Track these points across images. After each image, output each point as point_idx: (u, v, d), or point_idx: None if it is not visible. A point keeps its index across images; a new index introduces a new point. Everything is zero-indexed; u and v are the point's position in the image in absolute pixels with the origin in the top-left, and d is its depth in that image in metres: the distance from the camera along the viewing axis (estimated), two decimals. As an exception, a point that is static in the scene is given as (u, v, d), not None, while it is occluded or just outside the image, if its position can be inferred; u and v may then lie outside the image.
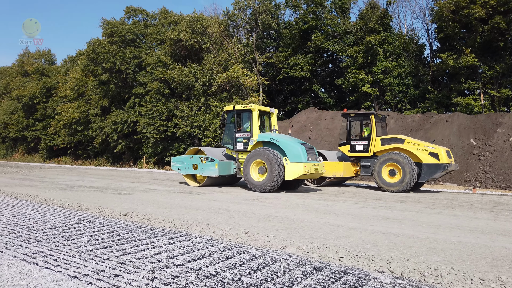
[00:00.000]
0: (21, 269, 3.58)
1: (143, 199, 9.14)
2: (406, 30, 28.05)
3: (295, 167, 11.17)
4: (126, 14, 31.44)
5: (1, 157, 43.92)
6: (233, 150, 12.86)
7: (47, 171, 21.00)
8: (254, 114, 12.43)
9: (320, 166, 11.97)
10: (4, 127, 41.58)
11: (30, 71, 42.23)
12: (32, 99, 38.29)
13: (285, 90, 29.25)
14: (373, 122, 13.04)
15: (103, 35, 29.56)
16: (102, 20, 29.58)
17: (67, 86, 34.74)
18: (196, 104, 24.54)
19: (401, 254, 4.37)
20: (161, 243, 4.69)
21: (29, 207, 7.53)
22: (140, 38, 30.70)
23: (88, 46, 29.19)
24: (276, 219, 6.61)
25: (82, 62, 31.08)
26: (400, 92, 23.60)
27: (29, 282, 3.25)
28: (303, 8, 28.13)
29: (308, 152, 11.62)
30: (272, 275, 3.55)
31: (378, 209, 8.09)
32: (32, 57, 48.64)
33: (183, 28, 24.42)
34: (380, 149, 12.87)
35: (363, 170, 13.29)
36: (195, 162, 12.95)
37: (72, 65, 40.36)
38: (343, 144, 13.78)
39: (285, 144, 11.54)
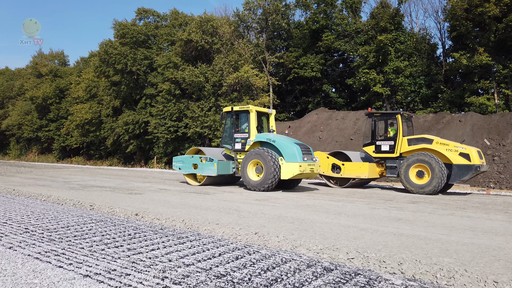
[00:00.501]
0: (35, 268, 3.64)
1: (154, 199, 9.21)
2: (418, 29, 27.75)
3: (290, 166, 11.41)
4: (138, 15, 31.74)
5: (16, 157, 44.67)
6: (232, 150, 13.18)
7: (60, 171, 21.30)
8: (252, 115, 12.75)
9: (316, 165, 12.25)
10: (19, 127, 42.27)
11: (43, 73, 42.87)
12: (46, 100, 38.87)
13: (295, 90, 29.17)
14: (400, 122, 12.65)
15: (115, 36, 29.88)
16: (114, 21, 29.93)
17: (79, 87, 35.19)
18: (206, 104, 24.63)
19: (413, 255, 4.33)
20: (171, 243, 4.72)
21: (42, 206, 7.64)
22: (151, 39, 30.94)
23: (100, 47, 29.53)
24: (286, 219, 6.60)
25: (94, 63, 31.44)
26: (412, 91, 23.34)
27: (42, 280, 3.30)
28: (313, 7, 28.01)
29: (304, 152, 11.85)
30: (282, 276, 3.55)
31: (390, 210, 8.02)
32: (45, 59, 49.38)
33: (194, 29, 24.54)
34: (407, 149, 12.46)
35: (389, 171, 12.90)
36: (195, 162, 13.34)
37: (84, 66, 40.88)
38: (368, 145, 13.33)
39: (281, 145, 11.81)
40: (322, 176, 14.14)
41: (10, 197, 9.13)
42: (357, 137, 20.48)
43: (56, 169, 23.66)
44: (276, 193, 11.37)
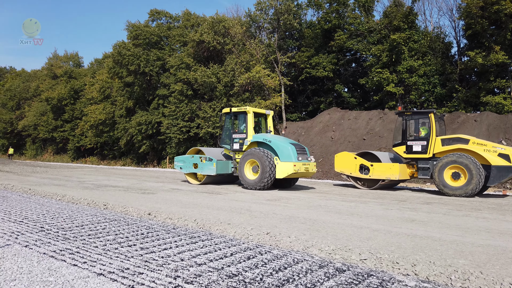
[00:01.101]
0: (50, 266, 3.70)
1: (167, 198, 9.28)
2: (432, 28, 27.37)
3: (285, 166, 11.78)
4: (150, 17, 32.01)
5: (32, 157, 45.49)
6: (230, 150, 13.60)
7: (75, 171, 21.62)
8: (249, 116, 13.24)
9: (311, 165, 12.57)
10: (34, 128, 43.03)
11: (58, 74, 43.56)
12: (61, 101, 39.50)
13: (307, 90, 29.07)
14: (433, 121, 12.11)
15: (128, 38, 30.19)
16: (127, 23, 30.26)
17: (93, 88, 35.66)
18: (218, 105, 24.71)
19: (427, 257, 4.27)
20: (184, 242, 4.74)
21: (57, 205, 7.76)
22: (163, 40, 31.17)
23: (114, 48, 29.88)
24: (298, 219, 6.58)
25: (108, 65, 31.82)
26: (426, 91, 23.04)
27: (57, 278, 3.35)
28: (325, 7, 27.87)
29: (299, 152, 12.24)
30: (294, 276, 3.54)
31: (403, 211, 7.93)
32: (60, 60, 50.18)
33: (206, 29, 24.65)
34: (441, 150, 11.91)
35: (421, 172, 12.37)
36: (195, 162, 13.76)
37: (98, 68, 41.40)
38: (398, 145, 12.80)
39: (277, 145, 12.19)
40: (350, 177, 13.71)
41: (26, 196, 9.30)
42: (369, 137, 20.31)
43: (70, 169, 24.02)
44: (288, 193, 11.35)
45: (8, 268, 3.61)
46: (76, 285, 3.20)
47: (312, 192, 11.84)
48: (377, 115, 21.98)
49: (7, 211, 6.86)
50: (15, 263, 3.77)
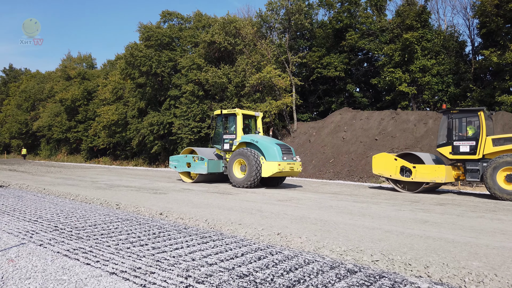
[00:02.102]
0: (64, 264, 3.75)
1: (178, 198, 9.34)
2: (445, 27, 27.00)
3: (270, 165, 12.40)
4: (162, 18, 32.23)
5: (46, 157, 46.20)
6: (221, 150, 14.29)
7: (88, 171, 21.90)
8: (238, 118, 13.86)
9: (296, 164, 13.10)
10: (49, 129, 43.67)
11: (72, 75, 44.15)
12: (74, 102, 40.03)
13: (318, 90, 28.94)
14: (483, 120, 11.28)
15: (140, 39, 30.44)
16: (139, 24, 30.53)
17: (106, 89, 36.05)
18: (229, 105, 24.75)
19: (440, 258, 4.21)
20: (195, 242, 4.77)
21: (71, 205, 7.87)
22: (175, 41, 31.36)
23: (126, 50, 30.15)
24: (309, 220, 6.55)
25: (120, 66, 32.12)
26: (440, 90, 22.73)
27: (70, 277, 3.40)
28: (337, 7, 27.71)
29: (284, 152, 12.82)
30: (305, 277, 3.52)
31: (416, 212, 7.84)
32: (74, 62, 50.89)
33: (217, 30, 24.72)
34: (492, 150, 11.02)
35: (470, 175, 11.46)
36: (188, 161, 14.47)
37: (111, 69, 41.83)
38: (443, 145, 11.94)
39: (263, 145, 12.84)
40: (389, 180, 12.90)
41: (41, 196, 9.46)
42: (382, 138, 20.13)
43: (84, 169, 24.34)
44: (299, 193, 11.32)
45: (23, 266, 3.67)
46: (89, 283, 3.24)
47: (323, 193, 11.78)
48: (389, 115, 21.78)
49: (22, 211, 6.98)
50: (30, 261, 3.83)
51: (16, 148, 52.21)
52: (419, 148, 18.04)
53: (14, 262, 3.78)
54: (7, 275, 3.40)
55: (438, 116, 19.77)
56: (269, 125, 22.96)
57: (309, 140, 23.49)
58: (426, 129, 19.20)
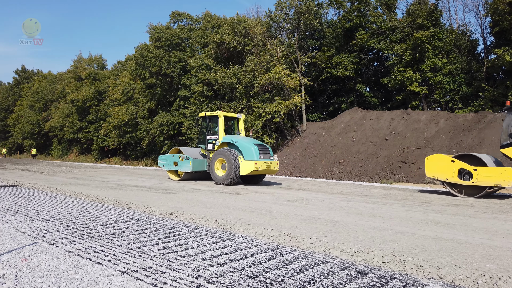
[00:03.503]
0: (76, 264, 3.79)
1: (188, 198, 9.38)
2: (457, 25, 26.67)
3: (247, 164, 13.29)
4: (172, 19, 32.42)
5: (58, 157, 46.78)
6: (206, 149, 15.23)
7: (99, 171, 22.11)
8: (220, 120, 14.81)
9: (273, 163, 13.97)
10: (60, 129, 44.21)
11: (83, 76, 44.63)
12: (85, 103, 40.47)
13: (328, 90, 28.81)
14: None
15: (150, 40, 30.66)
16: (149, 25, 30.77)
17: (116, 90, 36.36)
18: (238, 105, 24.79)
19: (453, 260, 4.16)
20: (205, 242, 4.78)
21: (82, 205, 7.96)
22: (184, 42, 31.51)
23: (136, 51, 30.39)
24: (319, 221, 6.52)
25: (130, 67, 32.38)
26: (451, 90, 22.45)
27: (83, 276, 3.44)
28: (347, 6, 27.56)
29: (261, 151, 13.70)
30: (315, 278, 3.51)
31: (427, 213, 7.75)
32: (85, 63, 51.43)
33: (226, 30, 24.77)
34: None
35: None
36: (175, 160, 15.43)
37: (121, 70, 42.18)
38: (508, 146, 10.78)
39: (242, 145, 13.73)
40: (445, 183, 11.73)
41: (53, 195, 9.58)
42: (392, 138, 19.97)
43: (95, 169, 24.59)
44: (308, 194, 11.28)
45: (36, 265, 3.72)
46: (101, 283, 3.27)
47: (332, 193, 11.73)
48: (400, 115, 21.58)
49: (35, 210, 7.07)
50: (43, 260, 3.88)
51: (28, 148, 52.98)
52: (431, 148, 17.85)
53: (28, 261, 3.83)
54: (20, 274, 3.45)
55: (449, 116, 19.55)
56: (248, 127, 23.28)
57: (318, 140, 23.40)
58: (437, 129, 18.99)
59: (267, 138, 23.63)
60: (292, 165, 22.21)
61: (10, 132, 57.37)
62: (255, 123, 23.19)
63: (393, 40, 24.73)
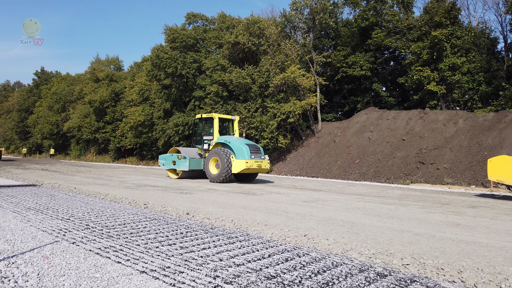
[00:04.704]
0: (96, 262, 3.85)
1: (204, 198, 9.42)
2: (476, 23, 26.12)
3: (239, 163, 14.03)
4: (187, 20, 32.66)
5: (76, 157, 47.64)
6: (202, 149, 16.06)
7: (116, 171, 22.42)
8: (215, 121, 15.69)
9: (264, 162, 14.73)
10: (78, 129, 45.00)
11: (100, 77, 45.34)
12: (103, 104, 41.08)
13: (343, 90, 28.58)
14: None
15: (166, 41, 30.93)
16: (164, 27, 31.00)
17: (133, 91, 36.81)
18: (253, 105, 24.80)
19: (474, 263, 4.07)
20: (222, 243, 4.79)
21: (101, 204, 8.08)
22: (199, 43, 31.69)
23: (152, 52, 30.70)
24: (336, 222, 6.47)
25: (146, 68, 32.73)
26: (470, 89, 22.00)
27: (103, 275, 3.48)
28: (362, 5, 27.30)
29: (252, 151, 14.38)
30: (334, 280, 3.48)
31: (447, 215, 7.61)
32: (102, 64, 52.27)
33: (241, 31, 24.81)
34: None
35: None
36: (174, 159, 16.25)
37: (137, 71, 42.68)
38: None
39: (234, 145, 14.46)
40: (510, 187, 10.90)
41: (72, 195, 9.75)
42: (409, 138, 19.68)
43: (112, 169, 24.95)
44: (324, 195, 11.20)
45: (57, 263, 3.79)
46: (120, 281, 3.31)
47: (349, 194, 11.62)
48: (417, 114, 21.25)
49: (55, 209, 7.21)
50: (64, 259, 3.95)
51: (47, 148, 54.12)
52: (449, 148, 17.53)
53: (49, 259, 3.91)
54: (42, 272, 3.52)
55: (468, 116, 19.15)
56: (242, 128, 23.48)
57: (334, 141, 23.23)
58: (456, 129, 18.63)
59: (282, 138, 23.57)
60: (307, 165, 22.10)
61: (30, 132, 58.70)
62: (269, 124, 23.16)
63: (410, 38, 24.39)
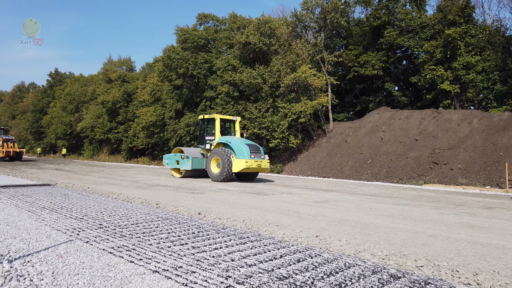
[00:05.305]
0: (109, 262, 3.88)
1: (215, 198, 9.44)
2: (491, 21, 25.67)
3: (239, 162, 14.35)
4: (198, 20, 32.80)
5: (89, 157, 48.25)
6: (204, 149, 16.46)
7: (128, 171, 22.63)
8: (217, 122, 16.08)
9: (264, 162, 15.06)
10: (91, 130, 45.58)
11: (113, 78, 45.84)
12: (115, 104, 41.53)
13: (355, 89, 28.38)
14: None
15: (177, 41, 31.12)
16: (176, 27, 31.20)
17: (145, 91, 37.13)
18: (264, 105, 24.79)
19: (490, 265, 3.99)
20: (233, 243, 4.79)
21: (113, 203, 8.16)
22: (210, 43, 31.81)
23: (164, 53, 30.93)
24: (348, 223, 6.42)
25: (158, 68, 32.97)
26: (485, 88, 21.63)
27: (116, 274, 3.51)
28: (374, 3, 27.07)
29: (252, 151, 14.73)
30: (346, 281, 3.45)
31: (461, 216, 7.49)
32: (114, 65, 52.83)
33: (252, 31, 24.82)
34: None
35: None
36: (177, 159, 16.74)
37: (149, 71, 43.03)
38: None
39: (234, 145, 14.86)
40: None
41: (86, 194, 9.87)
42: (422, 138, 19.44)
43: (124, 169, 25.18)
44: (336, 195, 11.13)
45: (71, 262, 3.83)
46: (133, 281, 3.33)
47: (361, 194, 11.53)
48: (430, 114, 20.99)
49: (69, 208, 7.31)
50: (78, 258, 3.99)
51: (61, 148, 54.95)
52: (463, 149, 17.26)
53: (63, 258, 3.96)
54: (57, 271, 3.56)
55: (483, 115, 18.83)
56: (243, 129, 23.95)
57: (345, 141, 23.08)
58: (470, 129, 18.34)
59: (292, 138, 23.51)
60: (318, 165, 22.00)
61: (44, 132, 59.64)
62: (280, 124, 23.13)
63: (423, 37, 24.10)
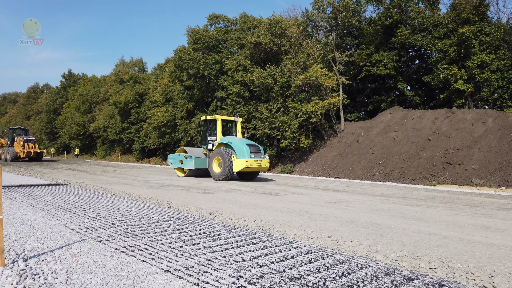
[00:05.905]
0: (122, 261, 3.92)
1: (226, 198, 9.46)
2: (506, 19, 25.20)
3: (239, 162, 14.73)
4: (209, 21, 32.92)
5: (101, 157, 48.78)
6: (207, 149, 16.89)
7: (140, 171, 22.82)
8: (218, 123, 16.48)
9: (264, 161, 15.43)
10: (104, 130, 46.07)
11: (125, 79, 46.26)
12: (127, 105, 41.91)
13: (367, 89, 28.14)
14: None
15: (188, 42, 31.27)
16: (187, 28, 31.34)
17: (156, 92, 37.40)
18: (274, 105, 24.75)
19: (506, 268, 3.92)
20: (244, 243, 4.79)
21: (126, 203, 8.23)
22: (221, 44, 31.88)
23: (175, 53, 31.09)
24: (360, 223, 6.37)
25: (169, 69, 33.17)
26: (500, 87, 21.24)
27: (128, 273, 3.54)
28: (386, 2, 26.78)
29: (252, 151, 15.10)
30: (359, 282, 3.42)
31: (476, 217, 7.37)
32: (126, 66, 53.33)
33: (262, 31, 24.79)
34: None
35: None
36: (181, 159, 17.15)
37: (161, 72, 43.32)
38: None
39: (235, 145, 15.25)
40: None
41: (99, 194, 9.98)
42: (435, 138, 19.18)
43: (136, 169, 25.41)
44: (348, 196, 11.06)
45: (85, 261, 3.88)
46: (146, 280, 3.35)
47: (373, 195, 11.43)
48: (443, 114, 20.70)
49: (82, 208, 7.40)
50: (91, 257, 4.04)
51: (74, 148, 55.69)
52: (478, 149, 16.98)
53: (77, 257, 4.00)
54: (71, 270, 3.61)
55: (498, 115, 18.50)
56: (244, 129, 23.96)
57: (357, 141, 22.91)
58: (485, 129, 18.03)
59: (303, 138, 23.41)
60: (329, 165, 21.88)
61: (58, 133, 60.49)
62: (291, 124, 23.05)
63: (436, 36, 23.78)
